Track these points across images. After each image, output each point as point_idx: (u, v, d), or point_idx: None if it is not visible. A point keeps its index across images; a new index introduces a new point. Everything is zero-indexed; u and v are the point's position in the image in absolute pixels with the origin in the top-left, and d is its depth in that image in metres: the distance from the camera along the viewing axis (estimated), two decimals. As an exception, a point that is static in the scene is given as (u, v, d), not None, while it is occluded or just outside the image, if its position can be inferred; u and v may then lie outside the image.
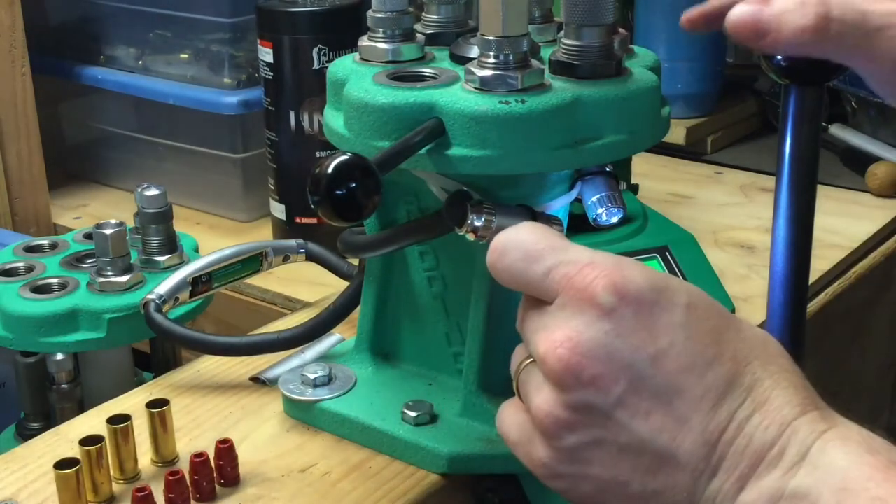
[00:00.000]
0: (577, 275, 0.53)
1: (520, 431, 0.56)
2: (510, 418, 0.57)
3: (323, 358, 0.81)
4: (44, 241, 0.95)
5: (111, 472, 0.68)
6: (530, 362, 0.55)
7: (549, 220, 0.65)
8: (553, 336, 0.52)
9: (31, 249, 0.93)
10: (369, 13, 0.70)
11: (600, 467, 0.53)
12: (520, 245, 0.55)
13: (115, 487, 0.68)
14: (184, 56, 1.29)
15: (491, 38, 0.62)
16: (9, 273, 0.89)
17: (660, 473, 0.51)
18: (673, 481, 0.51)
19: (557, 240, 0.55)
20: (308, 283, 1.06)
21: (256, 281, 1.06)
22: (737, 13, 0.57)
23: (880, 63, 0.57)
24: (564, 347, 0.51)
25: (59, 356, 0.87)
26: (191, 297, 0.83)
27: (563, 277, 0.53)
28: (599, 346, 0.51)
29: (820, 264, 1.04)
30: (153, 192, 0.89)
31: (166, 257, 0.89)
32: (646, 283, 0.52)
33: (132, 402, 0.79)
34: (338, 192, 0.55)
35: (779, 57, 0.63)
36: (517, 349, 0.58)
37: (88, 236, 0.94)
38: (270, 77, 1.10)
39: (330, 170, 0.55)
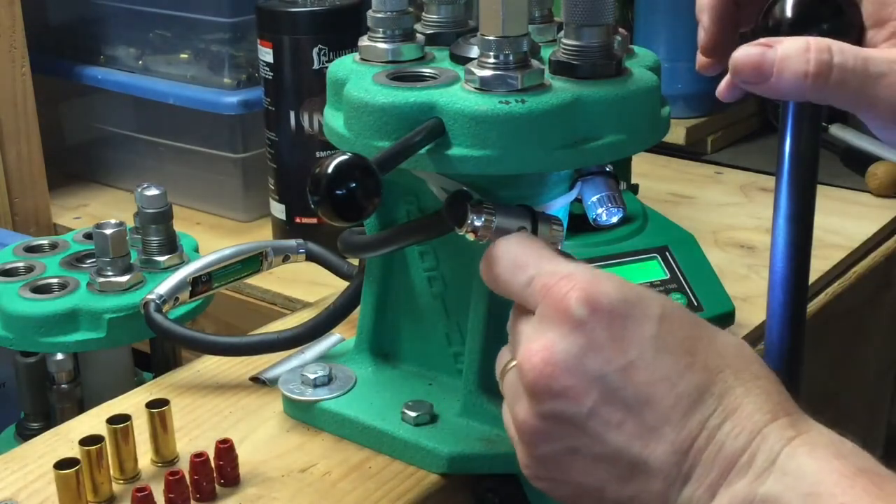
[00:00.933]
0: (554, 286, 0.54)
1: (510, 431, 0.58)
2: (506, 417, 0.58)
3: (323, 358, 0.81)
4: (44, 241, 0.95)
5: (111, 472, 0.68)
6: (514, 366, 0.57)
7: (549, 220, 0.65)
8: (530, 346, 0.54)
9: (31, 249, 0.93)
10: (369, 13, 0.70)
11: (576, 473, 0.54)
12: (508, 254, 0.58)
13: (115, 487, 0.68)
14: (184, 56, 1.29)
15: (491, 38, 0.62)
16: (9, 273, 0.89)
17: (633, 481, 0.53)
18: (646, 488, 0.53)
19: (545, 250, 0.58)
20: (308, 283, 1.06)
21: (256, 281, 1.06)
22: (741, 54, 0.58)
23: (881, 110, 0.57)
24: (538, 357, 0.53)
25: (59, 356, 0.87)
26: (191, 297, 0.83)
27: (542, 287, 0.55)
28: (572, 359, 0.53)
29: (820, 264, 1.04)
30: (153, 192, 0.89)
31: (166, 257, 0.89)
32: (619, 296, 0.53)
33: (132, 402, 0.79)
34: (338, 192, 0.55)
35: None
36: (503, 350, 0.60)
37: (88, 236, 0.94)
38: (270, 77, 1.10)
39: (330, 170, 0.55)
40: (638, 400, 0.52)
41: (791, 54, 0.56)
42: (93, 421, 0.76)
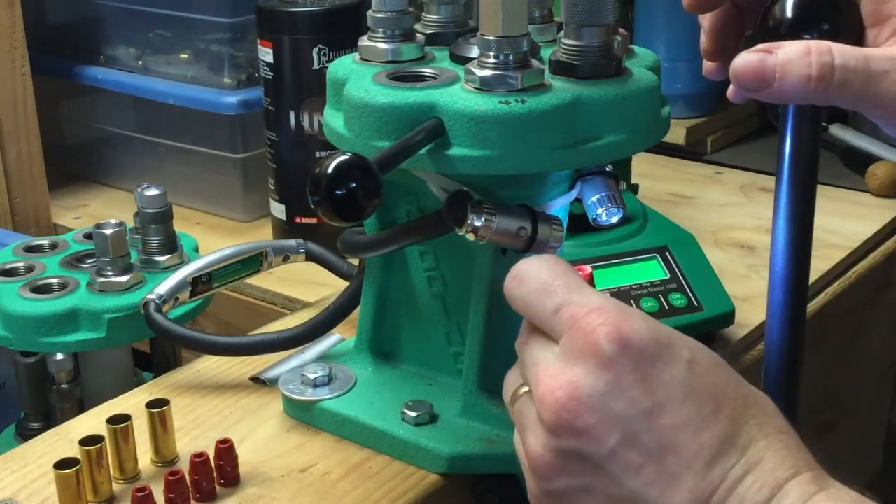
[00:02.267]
0: (583, 317, 0.52)
1: (521, 459, 0.56)
2: (517, 444, 0.57)
3: (323, 358, 0.81)
4: (44, 241, 0.95)
5: (111, 472, 0.68)
6: (526, 392, 0.55)
7: (549, 220, 0.65)
8: (554, 380, 0.52)
9: (31, 249, 0.93)
10: (369, 13, 0.70)
11: None
12: (537, 277, 0.55)
13: (115, 487, 0.68)
14: (184, 56, 1.29)
15: (491, 38, 0.62)
16: (9, 273, 0.89)
17: None
18: None
19: (574, 278, 0.55)
20: (308, 283, 1.06)
21: (256, 281, 1.06)
22: (741, 61, 0.57)
23: (886, 107, 0.57)
24: (563, 391, 0.51)
25: (59, 356, 0.87)
26: (191, 297, 0.83)
27: (570, 318, 0.53)
28: (596, 396, 0.51)
29: (820, 264, 1.04)
30: (153, 192, 0.89)
31: (166, 257, 0.89)
32: (649, 335, 0.52)
33: (132, 402, 0.79)
34: (338, 192, 0.55)
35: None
36: (511, 373, 0.58)
37: (88, 236, 0.94)
38: (270, 77, 1.10)
39: (330, 170, 0.55)
40: (660, 445, 0.50)
41: (792, 58, 0.56)
42: (93, 421, 0.76)
